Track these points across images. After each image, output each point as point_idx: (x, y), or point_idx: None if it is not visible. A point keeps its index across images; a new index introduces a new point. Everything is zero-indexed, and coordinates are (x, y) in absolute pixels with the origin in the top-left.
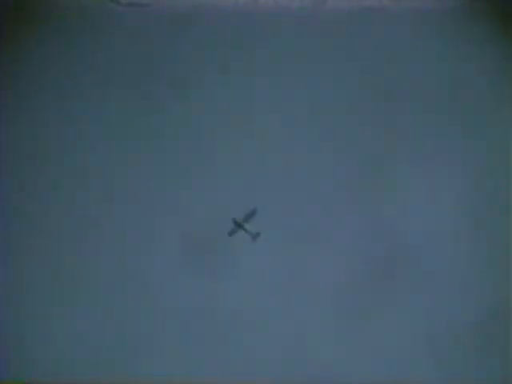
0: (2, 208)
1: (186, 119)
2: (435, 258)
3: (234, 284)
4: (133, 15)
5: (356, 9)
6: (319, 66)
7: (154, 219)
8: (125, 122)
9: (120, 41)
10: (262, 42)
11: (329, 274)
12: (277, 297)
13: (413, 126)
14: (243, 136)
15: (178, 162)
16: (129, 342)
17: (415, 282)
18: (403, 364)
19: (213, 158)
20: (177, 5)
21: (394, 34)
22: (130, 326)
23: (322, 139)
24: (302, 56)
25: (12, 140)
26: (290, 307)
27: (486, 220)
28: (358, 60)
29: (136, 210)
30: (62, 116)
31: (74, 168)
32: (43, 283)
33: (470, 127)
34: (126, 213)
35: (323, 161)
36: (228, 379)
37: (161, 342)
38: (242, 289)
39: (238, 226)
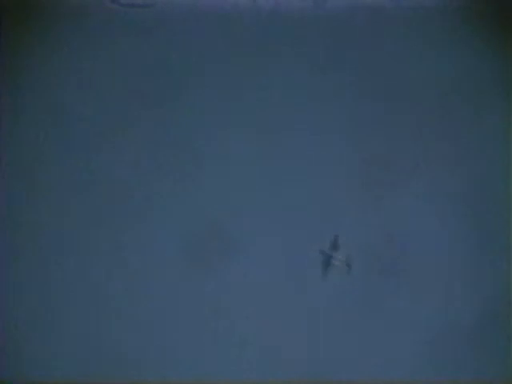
0: (4, 210)
1: (186, 118)
2: (436, 257)
3: (235, 284)
4: (134, 16)
5: (356, 9)
6: (319, 66)
7: (154, 220)
8: (125, 122)
9: (121, 41)
10: (262, 42)
11: (330, 273)
12: (277, 297)
13: (413, 125)
14: (243, 136)
15: (178, 163)
16: (129, 342)
17: (415, 283)
18: (403, 364)
19: (213, 159)
20: (177, 5)
21: (394, 34)
22: (130, 327)
23: (322, 140)
24: (302, 56)
25: (12, 139)
26: (291, 307)
27: (487, 220)
28: (357, 59)
29: (136, 210)
30: (62, 115)
31: (73, 169)
32: (44, 284)
33: (470, 126)
34: (126, 213)
35: (324, 162)
36: (228, 379)
37: (160, 342)
38: (243, 289)
39: (329, 257)
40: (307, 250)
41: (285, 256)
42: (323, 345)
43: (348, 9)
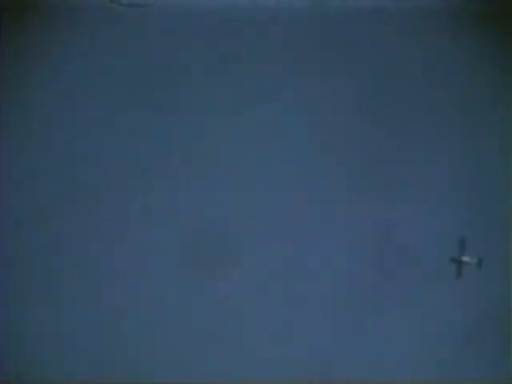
0: (4, 211)
1: (186, 118)
2: (435, 257)
3: (234, 283)
4: (133, 16)
5: (356, 9)
6: (319, 66)
7: (153, 219)
8: (124, 123)
9: (120, 42)
10: (262, 42)
11: (330, 273)
12: (277, 297)
13: (412, 126)
14: (243, 135)
15: (178, 162)
16: (128, 341)
17: (415, 283)
18: (403, 364)
19: (213, 158)
20: (177, 5)
21: (394, 34)
22: (129, 326)
23: (322, 140)
24: (302, 56)
25: (12, 139)
26: (291, 307)
27: (487, 221)
28: (357, 60)
29: (136, 209)
30: (61, 117)
31: (73, 168)
32: (41, 282)
33: (470, 128)
34: (126, 212)
35: (323, 161)
36: (228, 380)
37: (160, 342)
38: (242, 289)
39: (459, 263)
40: (310, 251)
41: (285, 257)
42: (323, 345)
43: (348, 10)
